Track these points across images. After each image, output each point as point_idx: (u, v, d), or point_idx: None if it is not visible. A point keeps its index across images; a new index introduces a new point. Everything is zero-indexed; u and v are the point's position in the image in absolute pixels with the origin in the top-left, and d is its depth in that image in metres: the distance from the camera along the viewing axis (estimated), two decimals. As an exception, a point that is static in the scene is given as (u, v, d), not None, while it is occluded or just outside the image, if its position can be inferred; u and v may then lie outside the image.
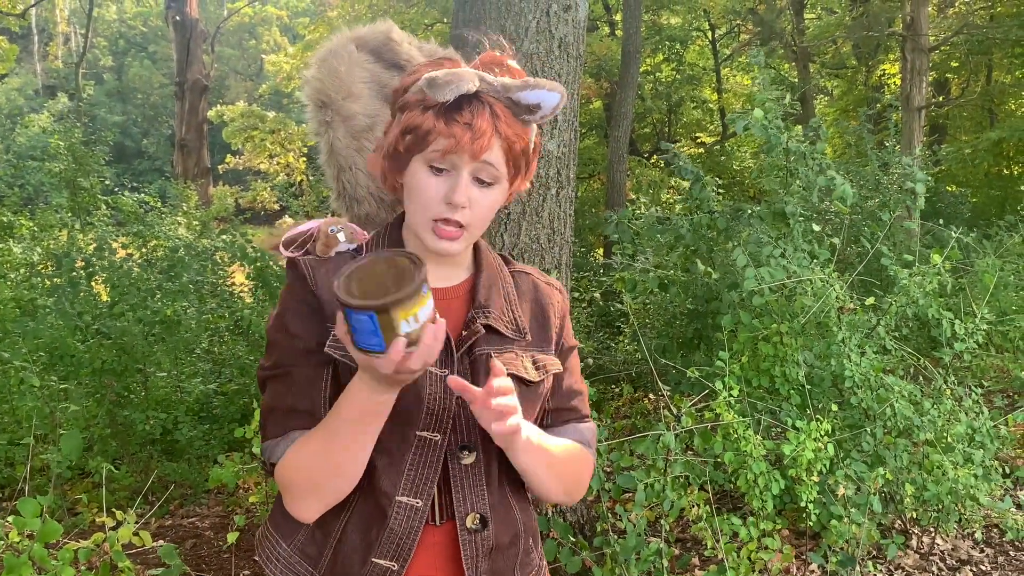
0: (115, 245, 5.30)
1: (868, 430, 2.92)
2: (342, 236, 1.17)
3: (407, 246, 1.16)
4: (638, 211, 4.65)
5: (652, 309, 5.33)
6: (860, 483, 2.85)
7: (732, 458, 2.64)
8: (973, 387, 3.37)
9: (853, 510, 2.77)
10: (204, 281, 5.23)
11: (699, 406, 2.88)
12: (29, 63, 31.31)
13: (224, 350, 4.95)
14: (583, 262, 8.48)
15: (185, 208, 10.07)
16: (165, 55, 31.86)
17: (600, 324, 6.79)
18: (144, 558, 3.11)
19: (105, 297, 4.46)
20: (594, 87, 11.87)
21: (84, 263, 4.47)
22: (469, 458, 1.10)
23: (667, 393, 3.10)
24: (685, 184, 3.76)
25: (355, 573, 1.09)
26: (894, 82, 14.07)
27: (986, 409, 3.25)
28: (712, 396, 2.78)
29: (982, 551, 3.22)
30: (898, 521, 3.27)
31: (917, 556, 3.14)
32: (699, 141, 14.74)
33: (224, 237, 6.13)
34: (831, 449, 2.69)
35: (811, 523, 2.81)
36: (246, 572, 3.17)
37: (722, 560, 2.58)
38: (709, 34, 13.89)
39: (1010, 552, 3.22)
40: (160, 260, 5.51)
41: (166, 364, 4.29)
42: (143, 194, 8.87)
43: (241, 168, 21.14)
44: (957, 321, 3.19)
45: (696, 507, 2.59)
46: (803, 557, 2.98)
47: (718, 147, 13.50)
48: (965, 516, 3.15)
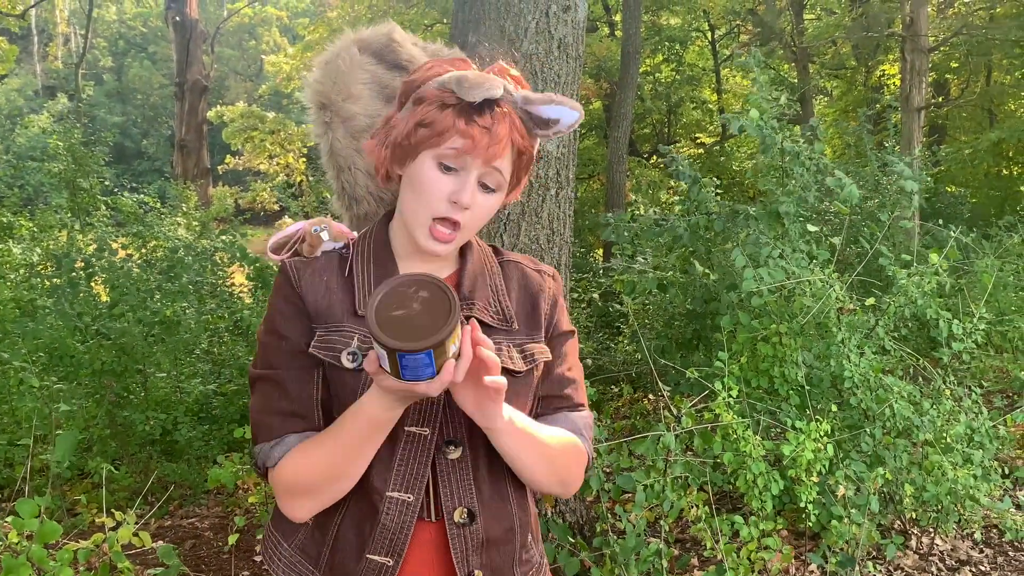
0: (115, 246, 5.30)
1: (867, 430, 2.92)
2: (326, 235, 1.19)
3: (394, 243, 1.17)
4: (637, 212, 4.65)
5: (652, 310, 5.33)
6: (860, 483, 2.85)
7: (731, 458, 2.64)
8: (972, 387, 3.38)
9: (853, 510, 2.77)
10: (204, 282, 5.23)
11: (699, 407, 2.88)
12: (29, 64, 31.32)
13: (224, 351, 4.95)
14: (583, 263, 8.49)
15: (185, 209, 10.06)
16: (165, 56, 31.88)
17: (600, 325, 6.80)
18: (144, 559, 3.11)
19: (105, 298, 4.46)
20: (594, 88, 11.88)
21: (84, 264, 4.47)
22: (455, 453, 1.10)
23: (667, 394, 3.11)
24: (684, 185, 3.76)
25: (352, 570, 1.11)
26: (893, 83, 14.07)
27: (985, 409, 3.25)
28: (711, 397, 2.79)
29: (981, 551, 3.22)
30: (897, 521, 3.27)
31: (916, 556, 3.14)
32: (699, 142, 14.73)
33: (224, 238, 6.13)
34: (830, 449, 2.70)
35: (810, 523, 2.81)
36: (245, 573, 3.17)
37: (721, 560, 2.58)
38: (709, 35, 13.89)
39: (1009, 552, 3.22)
40: (160, 261, 5.51)
41: (166, 365, 4.29)
42: (143, 195, 8.88)
43: (241, 169, 21.15)
44: (956, 321, 3.19)
45: (695, 508, 2.59)
46: (802, 558, 2.98)
47: (717, 148, 13.50)
48: (964, 516, 3.15)
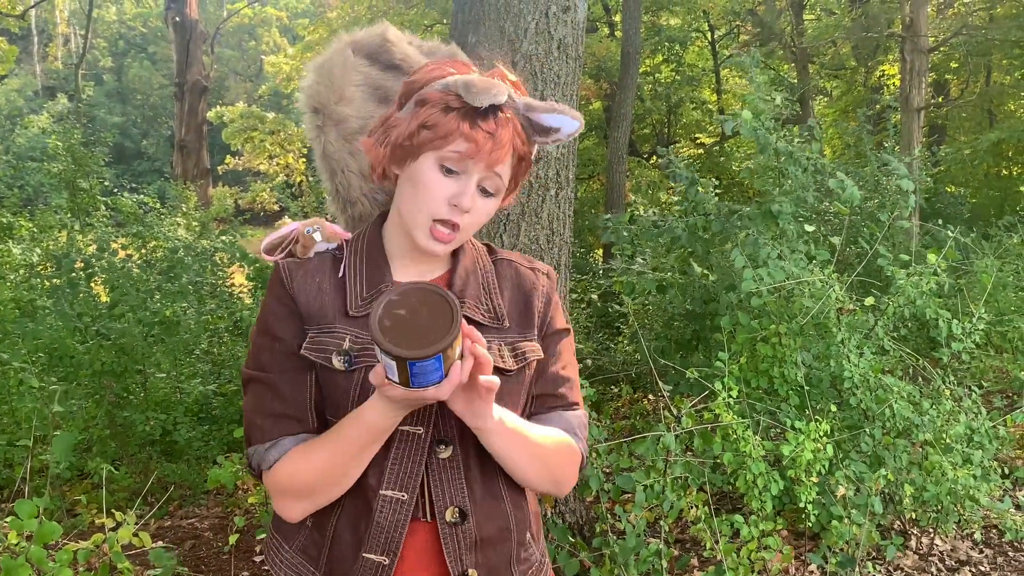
0: (115, 246, 5.31)
1: (867, 431, 2.92)
2: (318, 236, 1.19)
3: (388, 244, 1.18)
4: (636, 212, 4.65)
5: (651, 310, 5.33)
6: (859, 484, 2.85)
7: (731, 459, 2.64)
8: (972, 388, 3.37)
9: (853, 511, 2.77)
10: (203, 282, 5.23)
11: (698, 407, 2.88)
12: (29, 64, 31.33)
13: (223, 351, 4.95)
14: (583, 263, 8.49)
15: (184, 209, 10.06)
16: (165, 56, 31.88)
17: (599, 325, 6.80)
18: (143, 559, 3.10)
19: (104, 298, 4.46)
20: (593, 88, 11.87)
21: (83, 264, 4.47)
22: (446, 452, 1.10)
23: (667, 394, 3.11)
24: (682, 185, 3.76)
25: (349, 569, 1.11)
26: (893, 83, 14.08)
27: (984, 410, 3.25)
28: (711, 397, 2.79)
29: (981, 552, 3.22)
30: (897, 522, 3.27)
31: (916, 557, 3.14)
32: (698, 142, 14.73)
33: (223, 238, 6.14)
34: (830, 450, 2.70)
35: (810, 524, 2.81)
36: (245, 573, 3.17)
37: (721, 561, 2.58)
38: (708, 35, 13.89)
39: (1009, 553, 3.22)
40: (159, 261, 5.52)
41: (165, 365, 4.29)
42: (142, 195, 8.88)
43: (240, 169, 21.16)
44: (955, 321, 3.19)
45: (695, 508, 2.59)
46: (802, 558, 2.98)
47: (717, 148, 13.49)
48: (964, 517, 3.15)
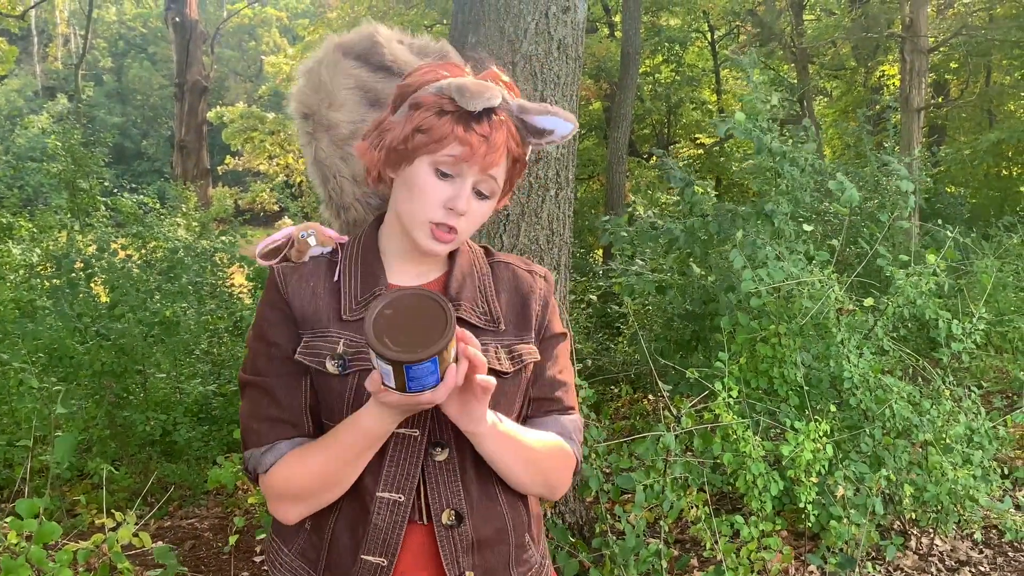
0: (115, 246, 5.31)
1: (867, 431, 2.92)
2: (312, 240, 1.19)
3: (385, 247, 1.18)
4: (636, 212, 4.66)
5: (651, 310, 5.33)
6: (859, 484, 2.85)
7: (731, 459, 2.64)
8: (971, 388, 3.38)
9: (852, 511, 2.77)
10: (203, 282, 5.23)
11: (698, 407, 2.88)
12: (29, 64, 31.32)
13: (223, 351, 4.95)
14: (583, 263, 8.48)
15: (184, 209, 10.06)
16: (165, 56, 31.88)
17: (599, 325, 6.79)
18: (143, 559, 3.11)
19: (104, 298, 4.46)
20: (593, 88, 11.87)
21: (83, 264, 4.47)
22: (442, 455, 1.10)
23: (667, 394, 3.10)
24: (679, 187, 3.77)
25: (348, 571, 1.11)
26: (893, 83, 14.08)
27: (983, 410, 3.25)
28: (711, 397, 2.79)
29: (981, 552, 3.22)
30: (897, 522, 3.27)
31: (916, 557, 3.14)
32: (698, 142, 14.72)
33: (223, 238, 6.14)
34: (830, 450, 2.70)
35: (810, 524, 2.81)
36: (245, 573, 3.17)
37: (721, 561, 2.58)
38: (708, 35, 13.89)
39: (1009, 553, 3.22)
40: (159, 261, 5.52)
41: (165, 365, 4.29)
42: (142, 195, 8.88)
43: (240, 169, 21.13)
44: (955, 322, 3.19)
45: (695, 508, 2.59)
46: (802, 558, 2.98)
47: (717, 148, 13.48)
48: (964, 517, 3.15)
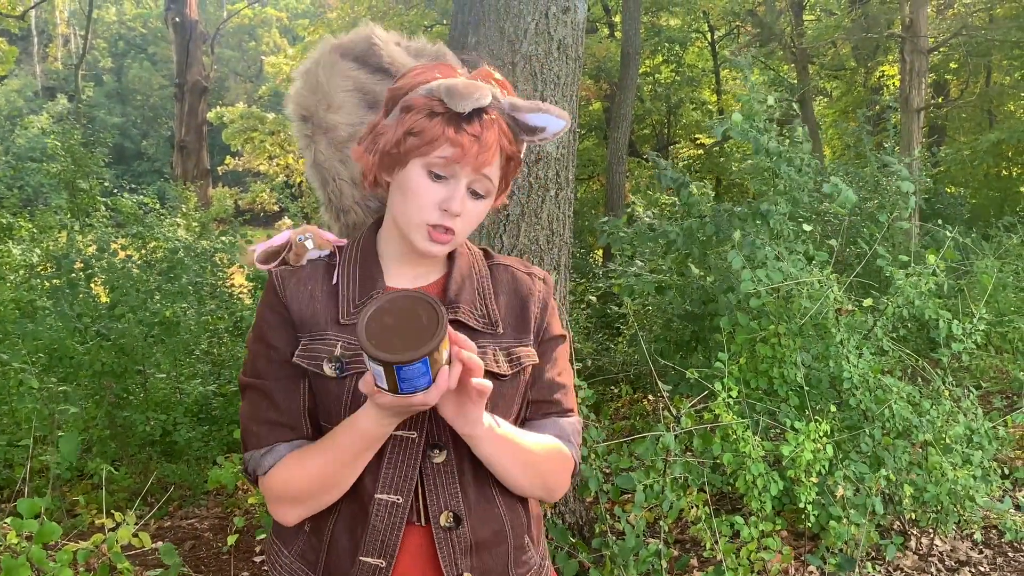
0: (115, 247, 5.31)
1: (867, 431, 2.92)
2: (310, 243, 1.19)
3: (384, 250, 1.17)
4: (635, 212, 4.67)
5: (651, 311, 5.33)
6: (859, 484, 2.85)
7: (731, 459, 2.64)
8: (970, 388, 3.38)
9: (852, 511, 2.77)
10: (203, 282, 5.23)
11: (698, 407, 2.88)
12: (29, 65, 31.33)
13: (223, 351, 4.95)
14: (582, 263, 8.48)
15: (184, 209, 10.07)
16: (165, 57, 31.89)
17: (599, 325, 6.79)
18: (143, 559, 3.11)
19: (104, 299, 4.46)
20: (593, 89, 11.87)
21: (83, 264, 4.47)
22: (440, 457, 1.10)
23: (666, 394, 3.10)
24: (675, 188, 3.77)
25: (347, 573, 1.11)
26: (893, 83, 14.08)
27: (981, 410, 3.25)
28: (711, 397, 2.79)
29: (981, 552, 3.22)
30: (897, 522, 3.27)
31: (916, 557, 3.14)
32: (698, 143, 14.73)
33: (223, 238, 6.14)
34: (830, 450, 2.70)
35: (810, 524, 2.81)
36: (245, 574, 3.17)
37: (721, 561, 2.58)
38: (708, 36, 13.90)
39: (1009, 553, 3.23)
40: (159, 262, 5.52)
41: (165, 365, 4.29)
42: (142, 196, 8.88)
43: (240, 170, 21.12)
44: (955, 322, 3.19)
45: (695, 508, 2.59)
46: (802, 558, 2.98)
47: (717, 149, 13.48)
48: (964, 517, 3.15)
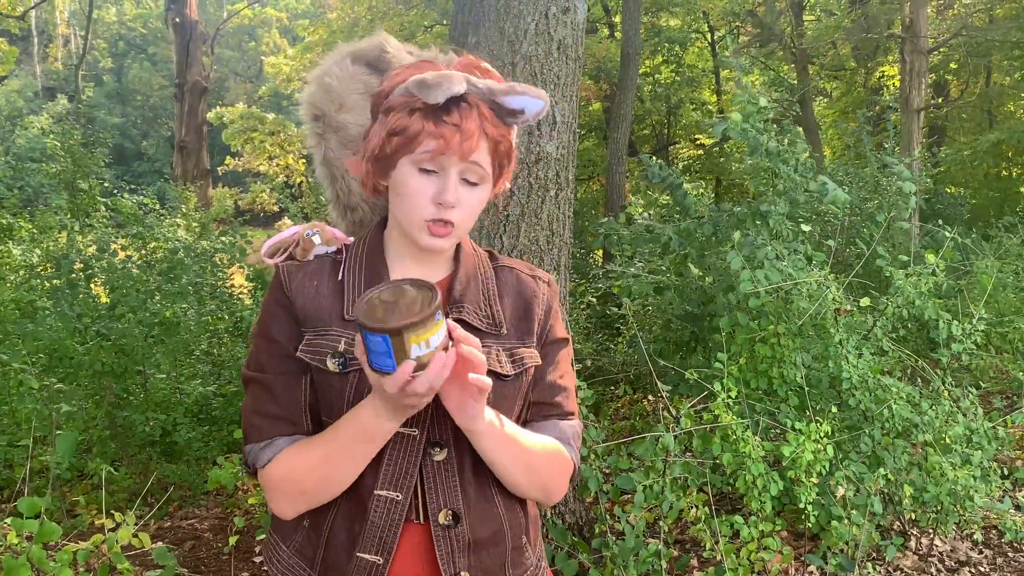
0: (115, 247, 5.31)
1: (867, 431, 2.92)
2: (318, 239, 1.20)
3: (389, 249, 1.18)
4: (634, 212, 4.68)
5: (651, 311, 5.33)
6: (859, 484, 2.85)
7: (731, 459, 2.64)
8: (969, 388, 3.38)
9: (853, 511, 2.77)
10: (203, 283, 5.22)
11: (698, 408, 2.89)
12: (29, 65, 31.33)
13: (223, 352, 4.95)
14: (582, 264, 8.48)
15: (184, 210, 10.07)
16: (165, 57, 31.88)
17: (599, 325, 6.79)
18: (143, 560, 3.11)
19: (104, 299, 4.46)
20: (593, 89, 11.87)
21: (83, 265, 4.47)
22: (440, 454, 1.11)
23: (666, 395, 3.11)
24: (687, 186, 3.78)
25: (344, 569, 1.11)
26: (893, 84, 14.09)
27: (981, 410, 3.26)
28: (711, 398, 2.79)
29: (981, 552, 3.22)
30: (897, 522, 3.27)
31: (916, 557, 3.14)
32: (698, 143, 14.73)
33: (223, 239, 6.13)
34: (830, 450, 2.70)
35: (810, 524, 2.81)
36: (245, 574, 3.17)
37: (721, 561, 2.58)
38: (708, 36, 13.90)
39: (1009, 553, 3.23)
40: (159, 262, 5.51)
41: (165, 366, 4.29)
42: (142, 196, 8.88)
43: (240, 170, 21.15)
44: (954, 322, 3.19)
45: (695, 508, 2.59)
46: (802, 559, 2.98)
47: (717, 149, 13.49)
48: (964, 517, 3.15)
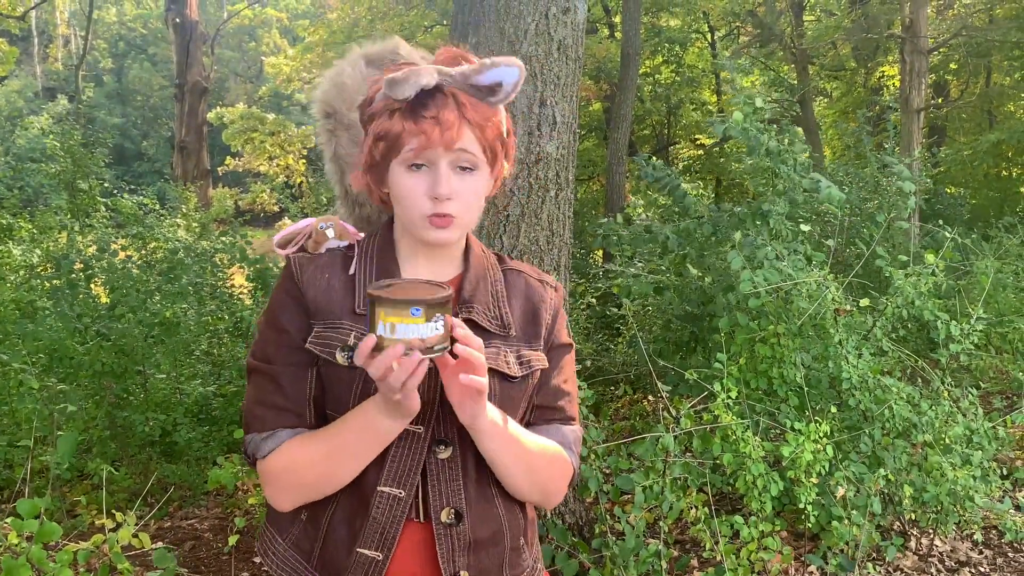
0: (115, 247, 5.31)
1: (866, 431, 2.92)
2: (331, 233, 1.21)
3: (399, 247, 1.19)
4: (634, 212, 4.68)
5: (651, 311, 5.33)
6: (859, 484, 2.85)
7: (731, 459, 2.64)
8: (969, 388, 3.38)
9: (853, 511, 2.77)
10: (203, 283, 5.22)
11: (698, 408, 2.89)
12: (29, 65, 31.32)
13: (223, 352, 4.95)
14: (582, 264, 8.48)
15: (184, 210, 10.07)
16: (165, 57, 31.88)
17: (599, 326, 6.79)
18: (143, 560, 3.11)
19: (104, 299, 4.46)
20: (593, 89, 11.87)
21: (83, 265, 4.47)
22: (445, 452, 1.11)
23: (666, 395, 3.11)
24: (685, 185, 3.78)
25: (342, 564, 1.11)
26: (893, 84, 14.09)
27: (981, 410, 3.26)
28: (710, 398, 2.79)
29: (981, 552, 3.22)
30: (897, 523, 3.27)
31: (916, 558, 3.14)
32: (698, 143, 14.73)
33: (224, 239, 6.13)
34: (830, 451, 2.70)
35: (810, 525, 2.81)
36: (245, 574, 3.17)
37: (721, 562, 2.58)
38: (708, 36, 13.90)
39: (1009, 553, 3.23)
40: (159, 262, 5.52)
41: (165, 366, 4.29)
42: (142, 196, 8.88)
43: (240, 170, 21.16)
44: (953, 322, 3.19)
45: (695, 509, 2.59)
46: (802, 559, 2.98)
47: (717, 149, 13.48)
48: (964, 518, 3.15)
